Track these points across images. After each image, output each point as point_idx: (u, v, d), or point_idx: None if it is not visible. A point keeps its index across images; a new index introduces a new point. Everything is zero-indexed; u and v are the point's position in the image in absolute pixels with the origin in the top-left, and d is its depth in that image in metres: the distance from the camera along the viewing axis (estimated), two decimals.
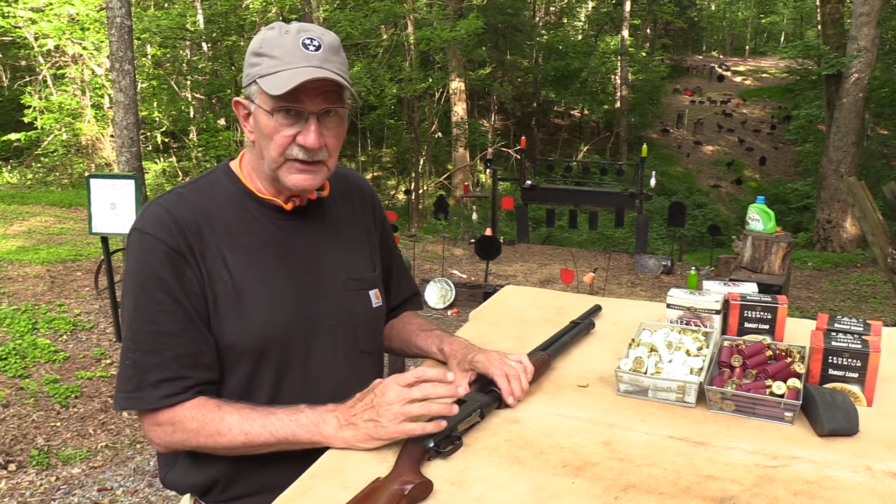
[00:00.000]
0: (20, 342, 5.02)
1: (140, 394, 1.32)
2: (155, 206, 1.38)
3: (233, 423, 1.29)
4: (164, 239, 1.33)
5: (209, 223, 1.38)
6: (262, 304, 1.38)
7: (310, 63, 1.30)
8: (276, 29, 1.35)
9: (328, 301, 1.46)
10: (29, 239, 8.35)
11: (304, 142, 1.33)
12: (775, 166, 25.78)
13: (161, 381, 1.31)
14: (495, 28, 22.95)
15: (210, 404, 1.33)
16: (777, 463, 1.19)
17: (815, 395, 1.31)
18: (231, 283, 1.36)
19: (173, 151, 17.82)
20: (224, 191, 1.44)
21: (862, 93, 12.65)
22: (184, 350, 1.32)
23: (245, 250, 1.39)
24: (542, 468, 1.18)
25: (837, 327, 1.48)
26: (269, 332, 1.38)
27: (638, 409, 1.38)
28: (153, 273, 1.32)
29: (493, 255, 7.76)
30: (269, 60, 1.32)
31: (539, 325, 1.76)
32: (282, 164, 1.36)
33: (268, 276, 1.40)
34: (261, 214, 1.43)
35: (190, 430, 1.31)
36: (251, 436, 1.29)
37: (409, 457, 1.18)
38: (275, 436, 1.28)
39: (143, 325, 1.32)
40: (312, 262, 1.46)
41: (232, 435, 1.29)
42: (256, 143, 1.39)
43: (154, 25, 13.64)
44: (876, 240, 5.44)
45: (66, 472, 3.94)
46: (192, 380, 1.33)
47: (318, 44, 1.32)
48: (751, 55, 45.61)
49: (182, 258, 1.33)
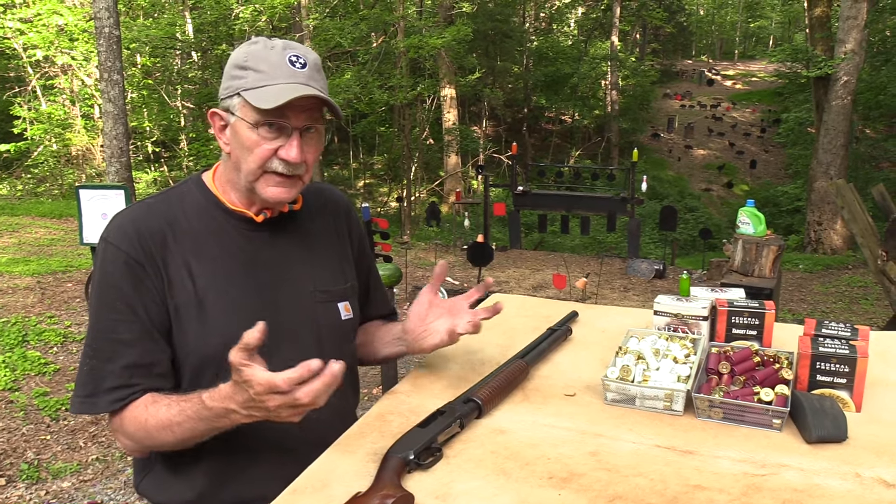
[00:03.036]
0: (10, 355, 4.98)
1: (94, 399, 1.34)
2: (120, 217, 1.40)
3: (158, 423, 1.29)
4: (125, 249, 1.34)
5: (174, 233, 1.39)
6: (222, 313, 1.38)
7: (297, 80, 1.32)
8: (260, 43, 1.36)
9: (294, 312, 1.45)
10: (19, 250, 8.30)
11: (286, 156, 1.34)
12: (765, 169, 25.89)
13: (114, 388, 1.33)
14: (485, 34, 23.01)
15: (141, 405, 1.33)
16: (765, 471, 1.18)
17: (803, 402, 1.30)
18: (194, 291, 1.37)
19: (164, 161, 17.78)
20: (193, 201, 1.44)
21: (850, 96, 12.73)
22: (139, 359, 1.34)
23: (210, 260, 1.40)
24: (528, 480, 1.17)
25: (825, 332, 1.47)
26: (227, 342, 1.36)
27: (625, 417, 1.37)
28: (113, 282, 1.35)
29: (485, 261, 7.75)
30: (254, 74, 1.32)
31: (526, 333, 1.75)
32: (259, 176, 1.37)
33: (231, 286, 1.40)
34: (230, 225, 1.44)
35: (129, 433, 1.33)
36: (177, 434, 1.28)
37: (390, 470, 1.16)
38: (195, 432, 1.27)
39: (101, 332, 1.35)
40: (280, 273, 1.46)
41: (163, 436, 1.29)
42: (233, 155, 1.39)
43: (143, 35, 13.62)
44: (866, 242, 5.45)
45: (56, 486, 3.91)
46: (143, 387, 1.34)
47: (304, 61, 1.35)
48: (740, 59, 45.80)
49: (141, 268, 1.35)
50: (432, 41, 14.86)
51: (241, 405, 1.19)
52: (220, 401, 1.22)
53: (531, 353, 1.58)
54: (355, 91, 14.13)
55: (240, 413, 1.20)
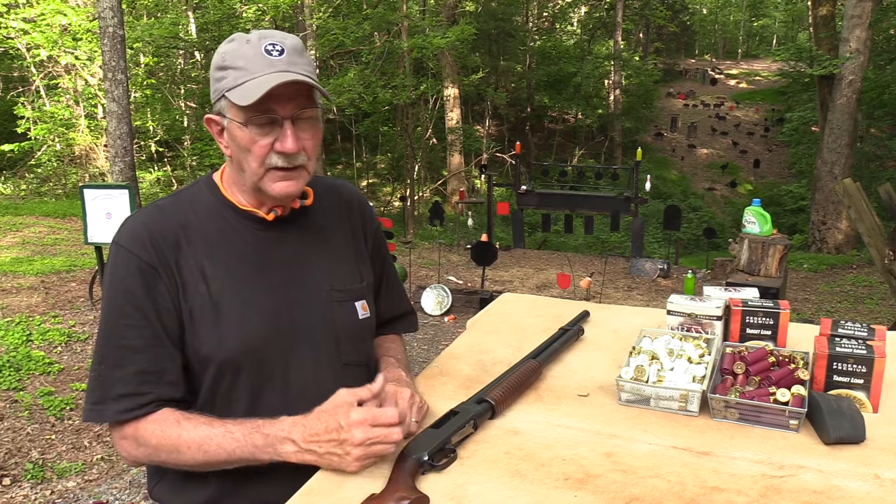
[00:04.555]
0: (14, 354, 4.98)
1: (102, 406, 1.32)
2: (133, 220, 1.38)
3: (192, 441, 1.28)
4: (137, 253, 1.33)
5: (187, 235, 1.37)
6: (237, 316, 1.36)
7: (275, 69, 1.29)
8: (236, 41, 1.33)
9: (310, 312, 1.43)
10: (23, 250, 8.30)
11: (281, 148, 1.31)
12: (769, 168, 25.84)
13: (122, 396, 1.31)
14: (488, 34, 22.99)
15: (170, 419, 1.31)
16: (783, 473, 1.17)
17: (820, 403, 1.29)
18: (208, 294, 1.35)
19: (167, 161, 17.78)
20: (205, 202, 1.43)
21: (855, 94, 12.69)
22: (148, 366, 1.32)
23: (224, 262, 1.38)
24: (544, 481, 1.16)
25: (841, 332, 1.45)
26: (244, 344, 1.36)
27: (640, 418, 1.36)
28: (125, 287, 1.33)
29: (489, 260, 7.73)
30: (233, 72, 1.30)
31: (537, 333, 1.74)
32: (263, 174, 1.34)
33: (245, 288, 1.38)
34: (241, 226, 1.42)
35: (150, 445, 1.31)
36: (210, 455, 1.27)
37: (404, 471, 1.15)
38: (233, 456, 1.26)
39: (111, 338, 1.33)
40: (294, 272, 1.44)
41: (191, 453, 1.28)
42: (234, 158, 1.37)
43: (147, 35, 13.61)
44: (873, 241, 5.43)
45: (62, 486, 3.90)
46: (153, 395, 1.32)
47: (281, 48, 1.31)
48: (743, 58, 45.73)
49: (154, 272, 1.33)
50: (436, 41, 14.83)
51: (305, 439, 1.20)
52: (281, 430, 1.22)
53: (543, 354, 1.57)
54: (358, 91, 14.11)
55: (296, 447, 1.21)
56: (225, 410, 1.37)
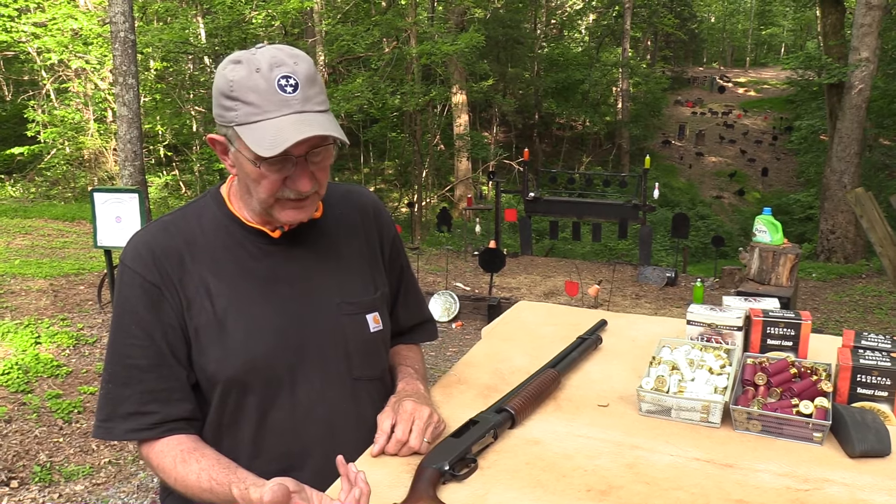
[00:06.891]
0: (22, 357, 4.98)
1: (111, 424, 1.32)
2: (136, 239, 1.37)
3: (202, 477, 1.25)
4: (140, 271, 1.32)
5: (192, 252, 1.35)
6: (241, 334, 1.34)
7: (291, 109, 1.22)
8: (244, 64, 1.24)
9: (318, 327, 1.40)
10: (32, 253, 8.32)
11: (295, 187, 1.28)
12: (777, 177, 25.79)
13: (130, 414, 1.31)
14: (496, 41, 23.02)
15: (181, 449, 1.30)
16: (809, 486, 1.15)
17: (844, 415, 1.27)
18: (213, 312, 1.33)
19: (176, 165, 17.84)
20: (211, 217, 1.40)
21: (864, 103, 12.64)
22: (155, 385, 1.31)
23: (229, 278, 1.36)
24: (566, 492, 1.15)
25: (865, 344, 1.44)
26: (249, 362, 1.33)
27: (661, 429, 1.35)
28: (130, 307, 1.32)
29: (497, 267, 7.72)
30: (244, 107, 1.23)
31: (554, 342, 1.72)
32: (273, 203, 1.31)
33: (251, 305, 1.35)
34: (247, 241, 1.39)
35: (161, 468, 1.31)
36: (216, 494, 1.24)
37: (425, 480, 1.14)
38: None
39: (118, 357, 1.33)
40: (302, 287, 1.40)
41: (200, 489, 1.26)
42: (242, 181, 1.34)
43: (156, 40, 13.67)
44: (884, 251, 5.40)
45: (69, 489, 3.89)
46: (160, 415, 1.31)
47: (295, 81, 1.23)
48: (751, 66, 45.72)
49: (158, 291, 1.32)
50: (444, 48, 14.86)
51: None
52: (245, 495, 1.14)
53: (562, 363, 1.55)
54: (367, 97, 14.14)
55: None
56: (233, 428, 1.36)
